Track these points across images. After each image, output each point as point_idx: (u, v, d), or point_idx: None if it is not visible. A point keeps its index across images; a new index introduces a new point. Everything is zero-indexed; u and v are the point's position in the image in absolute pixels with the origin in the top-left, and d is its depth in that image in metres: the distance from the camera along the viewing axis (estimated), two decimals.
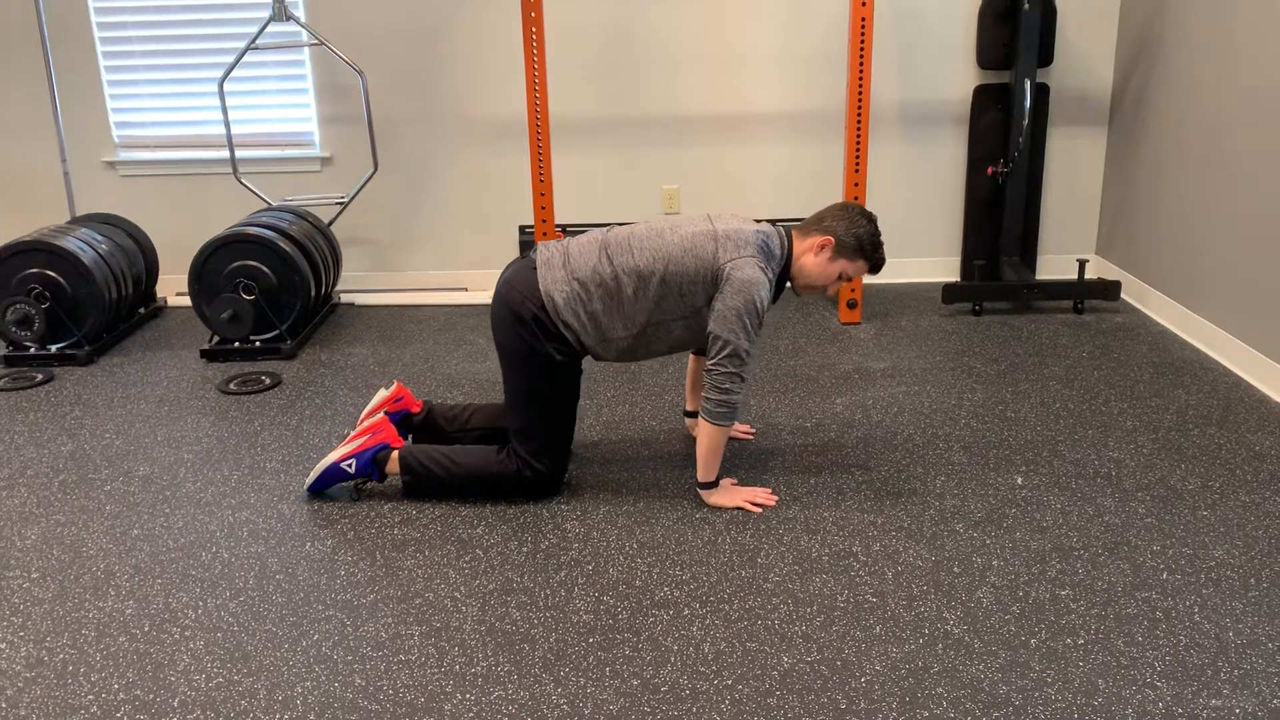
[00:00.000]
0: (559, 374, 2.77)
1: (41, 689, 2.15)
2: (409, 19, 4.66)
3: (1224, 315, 3.79)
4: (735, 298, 2.64)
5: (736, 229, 2.71)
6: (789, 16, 4.62)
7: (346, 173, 4.84)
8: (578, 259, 2.74)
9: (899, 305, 4.57)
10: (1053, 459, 3.06)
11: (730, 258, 2.66)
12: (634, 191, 4.85)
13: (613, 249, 2.74)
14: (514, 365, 2.78)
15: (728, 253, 2.67)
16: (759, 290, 2.65)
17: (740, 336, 2.66)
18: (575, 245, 2.79)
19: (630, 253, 2.71)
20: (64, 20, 4.68)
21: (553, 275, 2.73)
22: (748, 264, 2.66)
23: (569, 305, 2.70)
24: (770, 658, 2.19)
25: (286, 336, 4.13)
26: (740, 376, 2.70)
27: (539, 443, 2.80)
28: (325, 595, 2.45)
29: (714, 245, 2.68)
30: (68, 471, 3.15)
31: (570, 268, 2.73)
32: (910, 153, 4.78)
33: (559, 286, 2.71)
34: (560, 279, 2.72)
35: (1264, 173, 3.51)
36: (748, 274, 2.65)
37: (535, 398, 2.79)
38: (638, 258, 2.70)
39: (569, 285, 2.71)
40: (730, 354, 2.67)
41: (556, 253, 2.78)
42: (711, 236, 2.70)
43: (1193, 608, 2.32)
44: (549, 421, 2.81)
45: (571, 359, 2.77)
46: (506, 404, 2.83)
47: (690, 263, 2.67)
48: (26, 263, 4.02)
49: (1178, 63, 4.10)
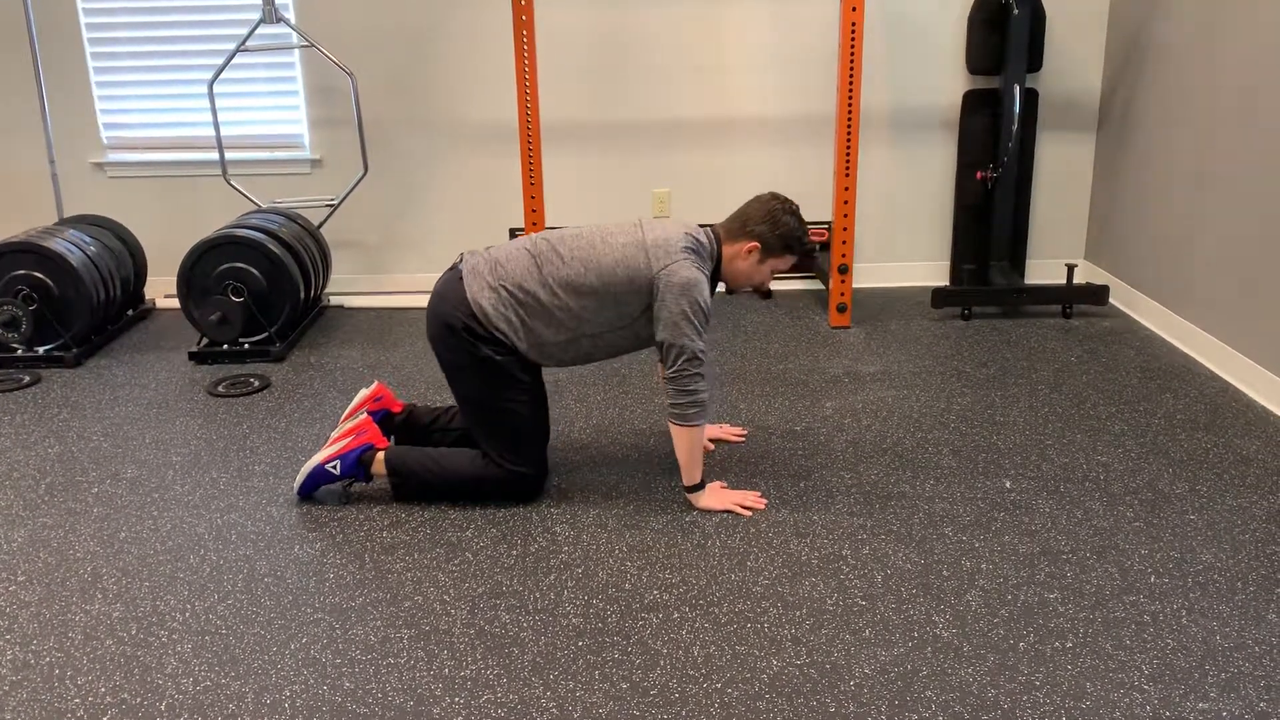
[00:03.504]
0: (504, 373, 2.75)
1: (28, 692, 2.14)
2: (399, 21, 4.65)
3: (1211, 320, 3.81)
4: (678, 301, 2.64)
5: (664, 236, 2.72)
6: (779, 21, 4.63)
7: (336, 175, 4.83)
8: (506, 266, 2.73)
9: (888, 309, 4.58)
10: (1041, 463, 3.07)
11: (662, 265, 2.66)
12: (625, 195, 4.85)
13: (542, 258, 2.73)
14: (458, 376, 2.79)
15: (659, 261, 2.67)
16: (698, 289, 2.66)
17: (690, 337, 2.66)
18: (503, 253, 2.78)
19: (561, 262, 2.71)
20: (52, 20, 4.66)
21: (479, 283, 2.72)
22: (681, 266, 2.66)
23: (498, 311, 2.70)
24: (760, 661, 2.19)
25: (275, 339, 4.12)
26: (701, 375, 2.70)
27: (503, 444, 2.80)
28: (314, 598, 2.45)
29: (645, 256, 2.68)
30: (55, 474, 3.13)
31: (498, 274, 2.72)
32: (900, 157, 4.79)
33: (486, 294, 2.71)
34: (487, 286, 2.71)
35: (1252, 178, 3.53)
36: (683, 275, 2.65)
37: (485, 403, 2.78)
38: (568, 269, 2.70)
39: (497, 292, 2.70)
40: (687, 358, 2.67)
41: (483, 261, 2.77)
42: (641, 247, 2.70)
43: (1180, 611, 2.33)
44: (505, 422, 2.79)
45: (512, 358, 2.75)
46: (463, 417, 2.84)
47: (622, 274, 2.68)
48: (14, 264, 4.00)
49: (1166, 68, 4.12)
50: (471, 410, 2.81)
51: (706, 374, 2.73)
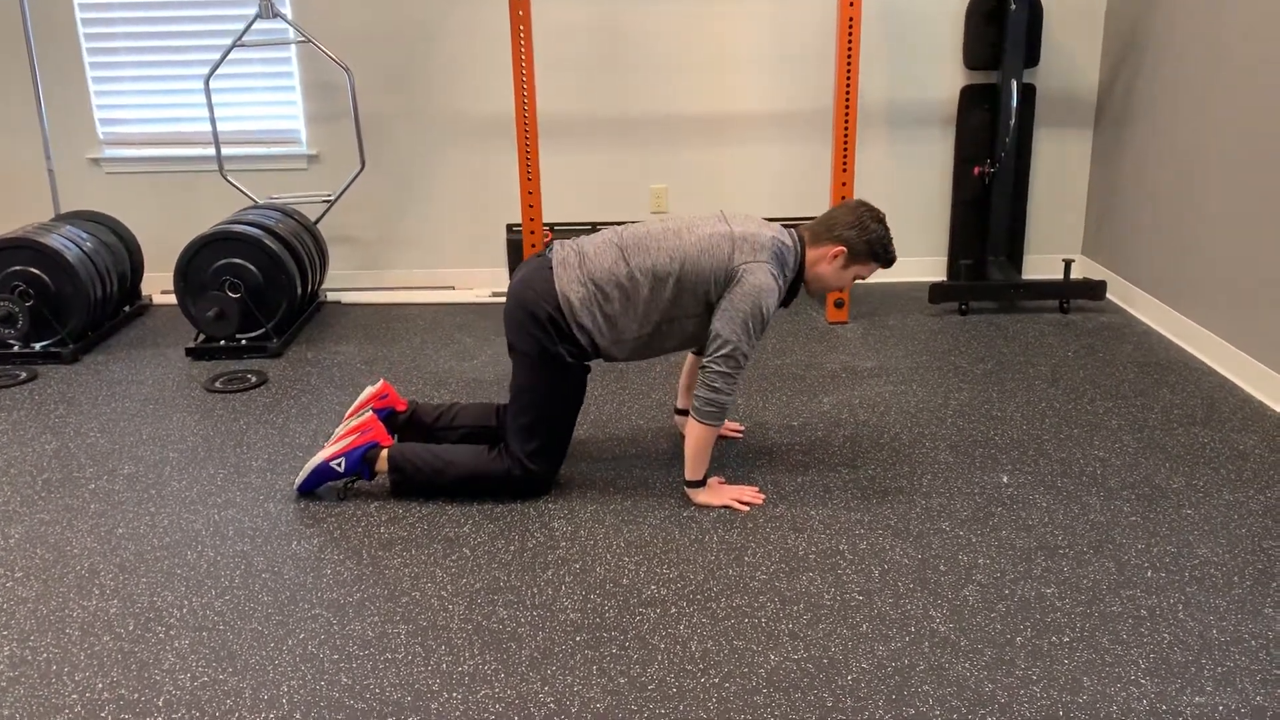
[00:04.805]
0: (568, 377, 2.78)
1: (25, 688, 2.14)
2: (396, 16, 4.64)
3: (1209, 315, 3.81)
4: (744, 300, 2.66)
5: (754, 233, 2.72)
6: (777, 16, 4.62)
7: (333, 170, 4.83)
8: (594, 259, 2.74)
9: (886, 304, 4.58)
10: (1038, 458, 3.07)
11: (745, 260, 2.67)
12: (622, 190, 4.85)
13: (629, 249, 2.74)
14: (525, 365, 2.79)
15: (744, 255, 2.68)
16: (768, 297, 2.67)
17: (742, 338, 2.67)
18: (590, 245, 2.79)
19: (646, 253, 2.72)
20: (49, 16, 4.65)
21: (569, 275, 2.73)
22: (761, 269, 2.67)
23: (585, 306, 2.70)
24: (757, 656, 2.19)
25: (272, 335, 4.11)
26: (733, 378, 2.70)
27: (539, 443, 2.80)
28: (311, 594, 2.45)
29: (730, 246, 2.69)
30: (52, 470, 3.13)
31: (586, 268, 2.73)
32: (897, 152, 4.79)
33: (575, 287, 2.71)
34: (576, 279, 2.72)
35: (1249, 173, 3.53)
36: (760, 279, 2.66)
37: (542, 398, 2.79)
38: (654, 257, 2.71)
39: (585, 286, 2.71)
40: (728, 354, 2.67)
41: (572, 253, 2.78)
42: (729, 238, 2.71)
43: (1177, 605, 2.33)
44: (552, 423, 2.82)
45: (581, 361, 2.78)
46: (511, 401, 2.84)
47: (706, 263, 2.69)
48: (10, 260, 3.99)
49: (1164, 63, 4.12)
50: (523, 400, 2.81)
51: (739, 379, 2.73)
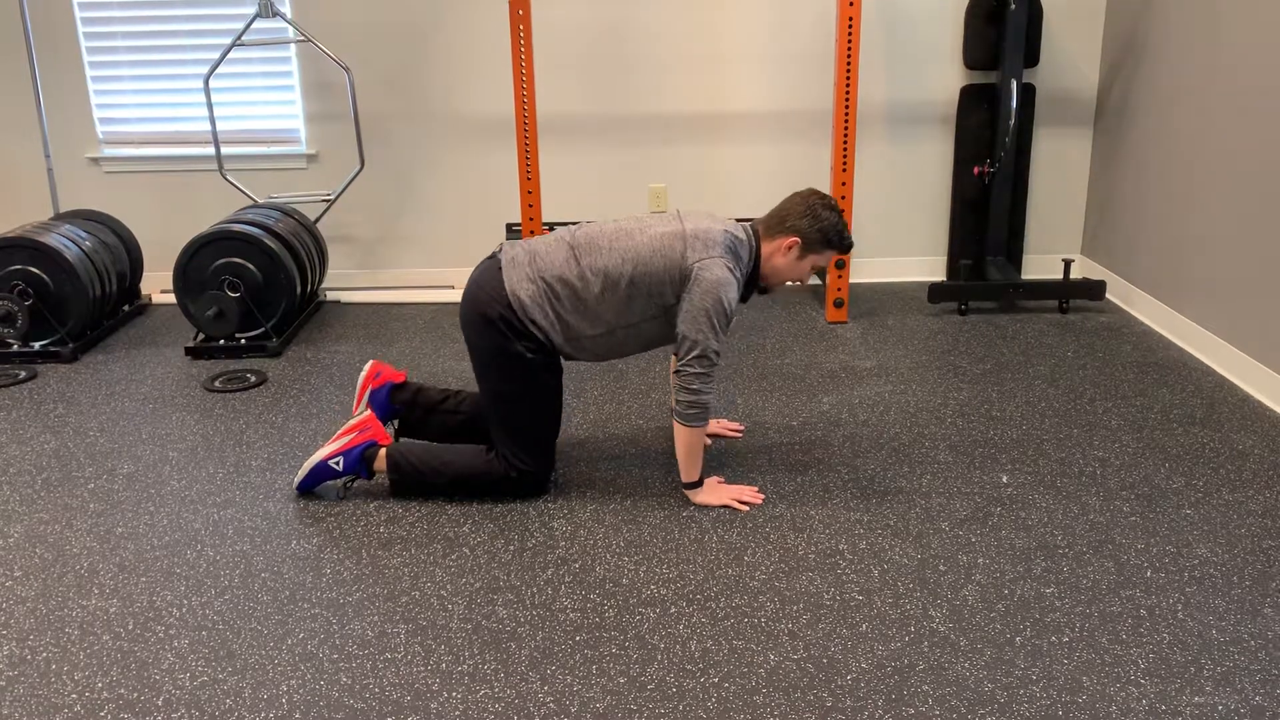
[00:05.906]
0: (533, 373, 2.75)
1: (24, 688, 2.14)
2: (396, 15, 4.64)
3: (1208, 315, 3.81)
4: (704, 298, 2.64)
5: (705, 229, 2.71)
6: (777, 16, 4.62)
7: (333, 170, 4.83)
8: (544, 258, 2.73)
9: (885, 304, 4.58)
10: (1038, 458, 3.07)
11: (698, 258, 2.66)
12: (622, 190, 4.85)
13: (580, 248, 2.72)
14: (487, 366, 2.77)
15: (696, 253, 2.66)
16: (727, 290, 2.65)
17: (709, 336, 2.66)
18: (541, 244, 2.78)
19: (598, 252, 2.70)
20: (48, 16, 4.65)
21: (518, 274, 2.71)
22: (716, 264, 2.66)
23: (536, 304, 2.69)
24: (757, 655, 2.19)
25: (272, 334, 4.11)
26: (709, 376, 2.69)
27: (518, 443, 2.79)
28: (311, 593, 2.45)
29: (682, 245, 2.68)
30: (51, 469, 3.13)
31: (537, 266, 2.72)
32: (897, 152, 4.79)
33: (524, 285, 2.70)
34: (526, 277, 2.71)
35: (1248, 173, 3.53)
36: (716, 274, 2.65)
37: (510, 398, 2.77)
38: (606, 258, 2.69)
39: (535, 283, 2.70)
40: (699, 354, 2.67)
41: (522, 251, 2.77)
42: (680, 236, 2.69)
43: (1176, 605, 2.34)
44: (526, 421, 2.80)
45: (544, 357, 2.75)
46: (487, 408, 2.83)
47: (659, 263, 2.67)
48: (10, 259, 3.99)
49: (1163, 63, 4.12)
50: (494, 406, 2.80)
51: (714, 376, 2.72)
